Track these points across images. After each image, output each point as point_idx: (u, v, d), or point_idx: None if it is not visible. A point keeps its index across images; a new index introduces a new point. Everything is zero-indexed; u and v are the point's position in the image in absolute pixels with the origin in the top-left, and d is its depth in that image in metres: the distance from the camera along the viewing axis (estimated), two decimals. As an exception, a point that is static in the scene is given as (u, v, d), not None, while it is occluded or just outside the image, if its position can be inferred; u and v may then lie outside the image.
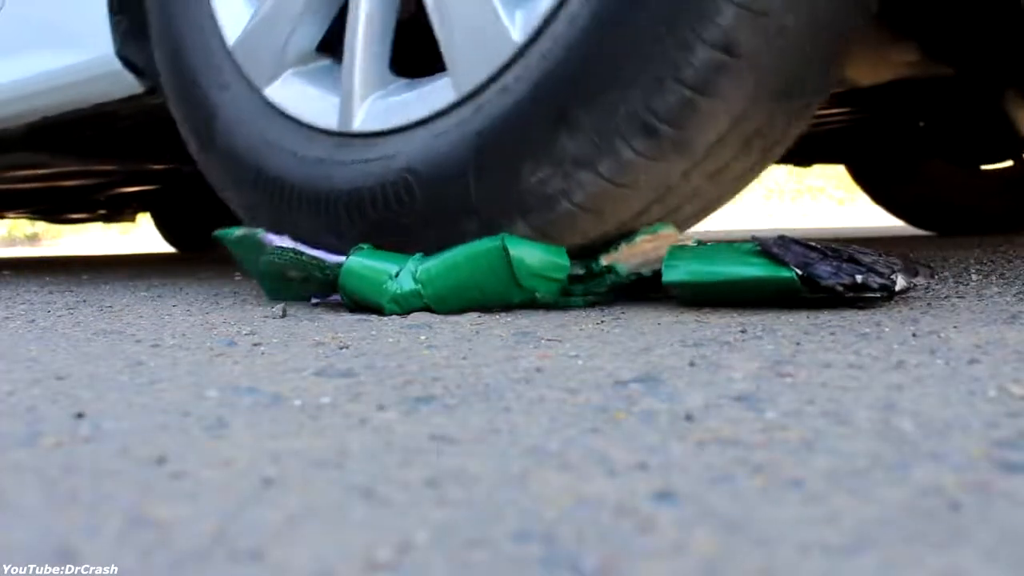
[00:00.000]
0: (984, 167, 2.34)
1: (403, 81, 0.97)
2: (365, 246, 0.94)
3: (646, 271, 0.89)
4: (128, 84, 1.27)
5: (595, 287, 0.90)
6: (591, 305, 0.91)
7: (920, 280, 0.84)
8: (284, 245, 0.97)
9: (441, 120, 0.91)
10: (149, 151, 1.93)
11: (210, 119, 1.09)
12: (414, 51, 1.01)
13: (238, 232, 1.02)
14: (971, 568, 0.27)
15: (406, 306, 0.89)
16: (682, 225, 0.92)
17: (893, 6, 1.04)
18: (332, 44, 1.03)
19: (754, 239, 0.84)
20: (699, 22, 0.76)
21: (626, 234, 0.89)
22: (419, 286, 0.88)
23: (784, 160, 2.43)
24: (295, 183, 1.01)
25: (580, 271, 0.89)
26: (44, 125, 1.49)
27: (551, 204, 0.85)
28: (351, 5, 0.97)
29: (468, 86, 0.89)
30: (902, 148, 2.31)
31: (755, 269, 0.81)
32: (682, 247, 0.87)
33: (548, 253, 0.86)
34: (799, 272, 0.79)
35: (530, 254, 0.85)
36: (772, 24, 0.77)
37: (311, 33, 1.03)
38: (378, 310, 0.90)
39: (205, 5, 1.09)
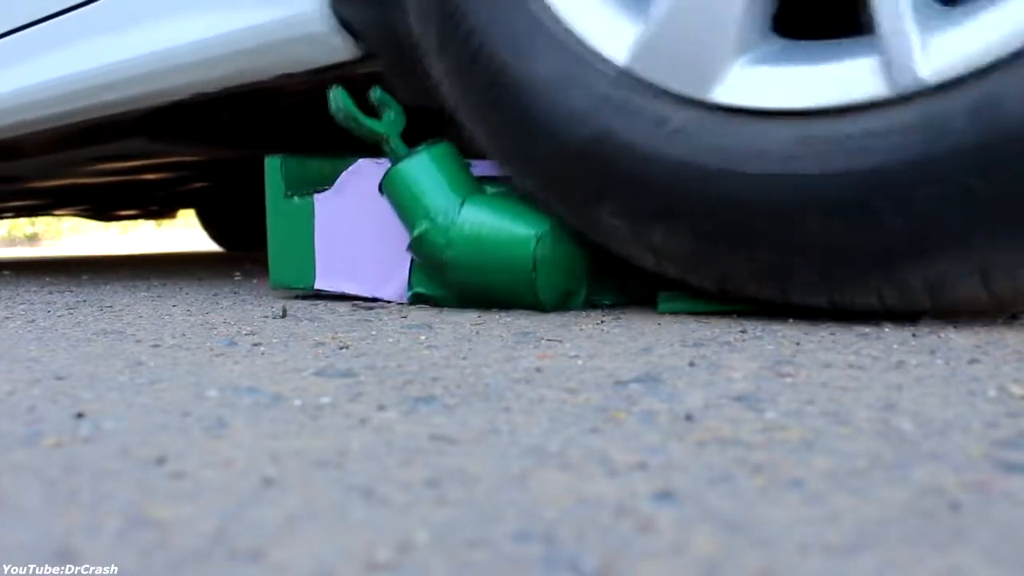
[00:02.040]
0: None
1: (781, 42, 0.74)
2: (423, 148, 0.91)
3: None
4: (337, 48, 1.00)
5: (597, 299, 0.91)
6: (590, 306, 0.91)
7: None
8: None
9: (863, 117, 0.67)
10: (278, 139, 1.64)
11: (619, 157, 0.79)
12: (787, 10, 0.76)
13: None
14: (971, 568, 0.27)
15: (425, 255, 0.89)
16: None
17: None
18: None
19: None
20: None
21: None
22: (447, 244, 0.88)
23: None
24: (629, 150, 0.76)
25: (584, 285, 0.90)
26: (180, 106, 1.24)
27: None
28: None
29: (918, 79, 0.65)
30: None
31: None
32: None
33: (573, 259, 0.87)
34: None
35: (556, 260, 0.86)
36: None
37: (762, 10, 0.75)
38: (381, 304, 0.90)
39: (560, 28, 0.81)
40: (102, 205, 3.09)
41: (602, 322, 0.79)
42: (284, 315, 0.92)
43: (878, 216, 0.67)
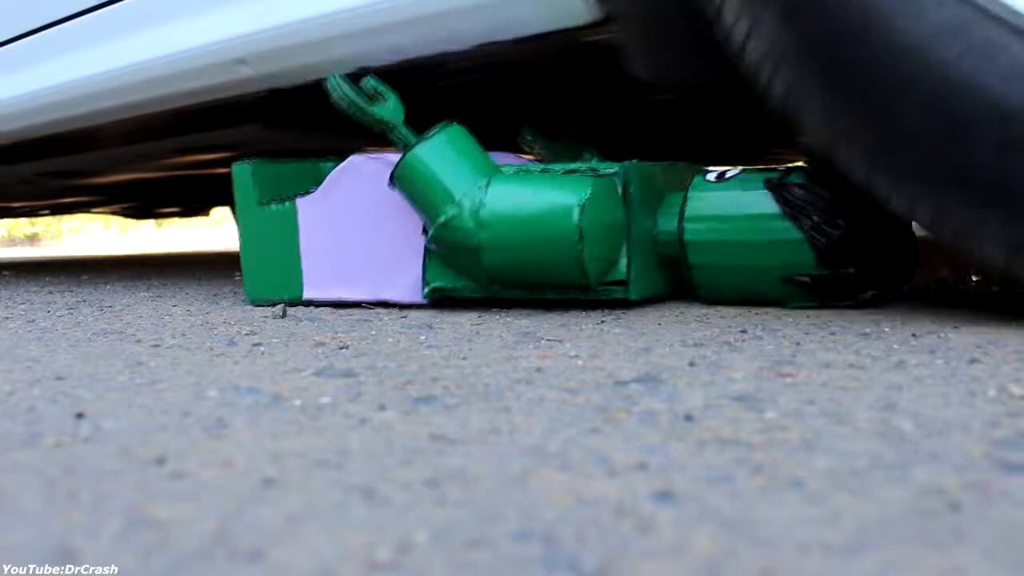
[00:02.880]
0: None
1: None
2: (437, 130, 0.84)
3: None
4: (568, 8, 0.79)
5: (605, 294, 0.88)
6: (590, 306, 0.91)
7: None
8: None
9: None
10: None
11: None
12: None
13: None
14: (971, 568, 0.27)
15: (451, 241, 0.83)
16: None
17: None
18: None
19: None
20: None
21: None
22: (478, 226, 0.82)
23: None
24: None
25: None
26: (303, 89, 1.02)
27: None
28: None
29: None
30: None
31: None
32: None
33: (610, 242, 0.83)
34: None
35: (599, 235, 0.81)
36: None
37: None
38: (384, 306, 0.89)
39: None
40: (149, 202, 2.73)
41: (602, 322, 0.79)
42: (284, 315, 0.92)
43: None
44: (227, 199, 3.17)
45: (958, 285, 0.98)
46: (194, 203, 2.97)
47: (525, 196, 0.81)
